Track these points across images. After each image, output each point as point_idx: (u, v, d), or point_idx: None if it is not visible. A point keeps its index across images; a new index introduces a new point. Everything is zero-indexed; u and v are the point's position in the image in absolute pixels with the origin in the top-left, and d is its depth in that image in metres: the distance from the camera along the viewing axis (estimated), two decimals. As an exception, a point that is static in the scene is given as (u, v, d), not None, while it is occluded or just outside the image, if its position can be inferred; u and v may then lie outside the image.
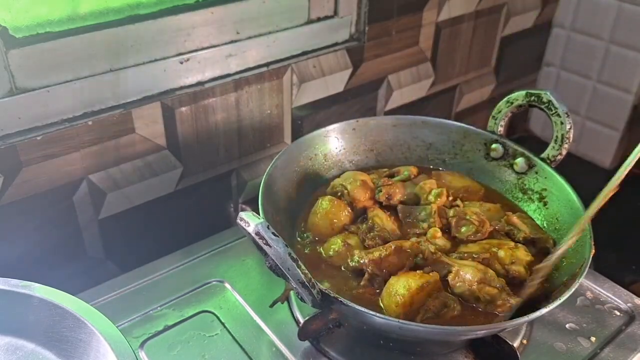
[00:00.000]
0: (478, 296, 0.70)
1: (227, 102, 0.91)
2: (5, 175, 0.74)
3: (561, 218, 0.81)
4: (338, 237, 0.79)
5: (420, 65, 1.17)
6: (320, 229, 0.81)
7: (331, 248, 0.77)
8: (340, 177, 0.86)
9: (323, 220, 0.81)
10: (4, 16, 0.69)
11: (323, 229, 0.81)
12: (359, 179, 0.84)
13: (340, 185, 0.85)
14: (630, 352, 0.76)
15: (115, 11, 0.78)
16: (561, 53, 1.41)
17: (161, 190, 0.90)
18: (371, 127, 0.94)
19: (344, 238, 0.78)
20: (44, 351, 0.63)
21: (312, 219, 0.82)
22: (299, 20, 0.95)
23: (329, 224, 0.80)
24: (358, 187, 0.83)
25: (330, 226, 0.80)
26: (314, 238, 0.81)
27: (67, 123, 0.76)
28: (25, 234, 0.79)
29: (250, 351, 0.74)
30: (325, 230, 0.80)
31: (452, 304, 0.69)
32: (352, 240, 0.78)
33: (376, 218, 0.79)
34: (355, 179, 0.84)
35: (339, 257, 0.76)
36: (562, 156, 0.85)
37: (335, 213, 0.81)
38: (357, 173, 0.87)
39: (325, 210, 0.81)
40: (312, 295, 0.63)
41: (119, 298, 0.81)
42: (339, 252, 0.77)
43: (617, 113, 1.34)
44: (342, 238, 0.78)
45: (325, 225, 0.80)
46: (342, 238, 0.78)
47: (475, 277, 0.70)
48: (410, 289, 0.68)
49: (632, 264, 1.07)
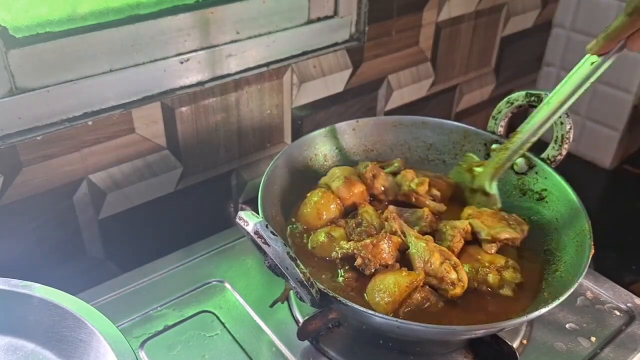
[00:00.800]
0: (436, 268, 0.71)
1: (227, 102, 0.91)
2: (6, 175, 0.74)
3: (561, 218, 0.81)
4: (322, 229, 0.79)
5: (420, 65, 1.17)
6: (308, 220, 0.81)
7: (315, 240, 0.78)
8: (327, 175, 0.86)
9: (312, 211, 0.81)
10: (4, 16, 0.69)
11: (311, 220, 0.81)
12: (342, 176, 0.84)
13: (324, 184, 0.85)
14: (630, 352, 0.76)
15: (115, 11, 0.78)
16: (561, 53, 1.41)
17: (161, 190, 0.90)
18: (371, 127, 0.94)
19: (329, 230, 0.78)
20: (44, 351, 0.64)
21: (302, 210, 0.82)
22: (299, 20, 0.95)
23: (317, 215, 0.81)
24: (342, 185, 0.83)
25: (317, 217, 0.81)
26: (302, 228, 0.81)
27: (67, 123, 0.77)
28: (25, 234, 0.79)
29: (250, 351, 0.74)
30: (313, 221, 0.81)
31: (433, 299, 0.70)
32: (336, 232, 0.78)
33: (365, 214, 0.80)
34: (340, 176, 0.84)
35: (322, 249, 0.77)
36: (562, 156, 0.85)
37: (324, 205, 0.81)
38: (342, 169, 0.87)
39: (314, 202, 0.82)
40: (311, 295, 0.63)
41: (119, 298, 0.81)
42: (322, 244, 0.77)
43: (617, 113, 1.34)
44: (327, 230, 0.78)
45: (313, 216, 0.81)
46: (327, 230, 0.78)
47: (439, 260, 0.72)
48: (400, 285, 0.69)
49: (632, 264, 1.07)
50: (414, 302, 0.69)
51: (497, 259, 0.76)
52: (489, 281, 0.73)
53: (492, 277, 0.73)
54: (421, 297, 0.70)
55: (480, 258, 0.76)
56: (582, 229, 0.76)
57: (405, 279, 0.70)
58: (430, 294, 0.70)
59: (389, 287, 0.69)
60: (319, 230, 0.79)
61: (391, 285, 0.69)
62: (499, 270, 0.74)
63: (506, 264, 0.75)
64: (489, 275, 0.73)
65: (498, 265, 0.75)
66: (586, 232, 0.74)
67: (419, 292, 0.70)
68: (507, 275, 0.74)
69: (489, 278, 0.73)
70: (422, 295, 0.70)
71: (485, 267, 0.75)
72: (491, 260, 0.75)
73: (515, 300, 0.72)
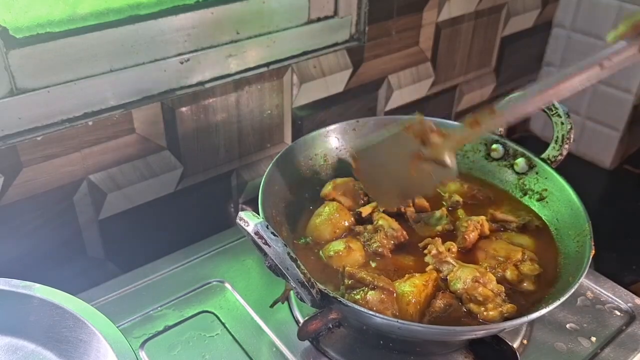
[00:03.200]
0: (472, 295, 0.70)
1: (227, 102, 0.91)
2: (6, 175, 0.74)
3: (561, 218, 0.81)
4: (341, 240, 0.78)
5: (420, 65, 1.17)
6: (321, 233, 0.80)
7: (332, 249, 0.77)
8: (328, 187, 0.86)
9: (324, 224, 0.80)
10: (4, 16, 0.69)
11: (324, 233, 0.80)
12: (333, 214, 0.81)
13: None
14: (631, 352, 0.76)
15: (115, 11, 0.78)
16: (561, 53, 1.41)
17: (161, 190, 0.90)
18: (371, 127, 0.93)
19: (347, 242, 0.78)
20: (44, 351, 0.64)
21: (313, 221, 0.82)
22: (299, 20, 0.95)
23: (331, 229, 0.80)
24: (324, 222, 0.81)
25: (332, 231, 0.80)
26: (313, 241, 0.80)
27: (68, 123, 0.76)
28: (25, 234, 0.79)
29: (250, 351, 0.74)
30: (326, 234, 0.80)
31: (456, 303, 0.70)
32: (354, 244, 0.77)
33: (381, 220, 0.80)
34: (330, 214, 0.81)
35: (339, 259, 0.76)
36: (562, 156, 0.85)
37: (338, 219, 0.81)
38: (331, 206, 0.83)
39: (328, 214, 0.81)
40: (312, 295, 0.63)
41: (119, 298, 0.81)
42: (339, 253, 0.76)
43: (617, 113, 1.34)
44: (345, 242, 0.78)
45: (327, 229, 0.80)
46: (345, 242, 0.78)
47: (470, 275, 0.70)
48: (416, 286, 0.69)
49: (632, 264, 1.07)
50: (436, 310, 0.69)
51: (513, 253, 0.74)
52: (507, 278, 0.73)
53: (510, 273, 0.73)
54: (443, 303, 0.69)
55: (495, 253, 0.75)
56: (582, 229, 0.76)
57: (419, 278, 0.70)
58: (452, 299, 0.70)
59: (405, 290, 0.69)
60: (336, 242, 0.78)
61: (407, 287, 0.69)
62: (516, 265, 0.73)
63: (523, 257, 0.74)
64: (507, 272, 0.73)
65: (515, 260, 0.74)
66: (586, 232, 0.74)
67: (440, 299, 0.70)
68: (525, 268, 0.73)
69: (507, 275, 0.73)
70: (444, 302, 0.69)
71: (502, 263, 0.74)
72: (507, 254, 0.75)
73: (538, 292, 0.72)
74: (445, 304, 0.70)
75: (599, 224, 0.75)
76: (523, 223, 0.82)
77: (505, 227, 0.82)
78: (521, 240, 0.79)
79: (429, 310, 0.69)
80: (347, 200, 0.85)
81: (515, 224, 0.82)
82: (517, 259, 0.74)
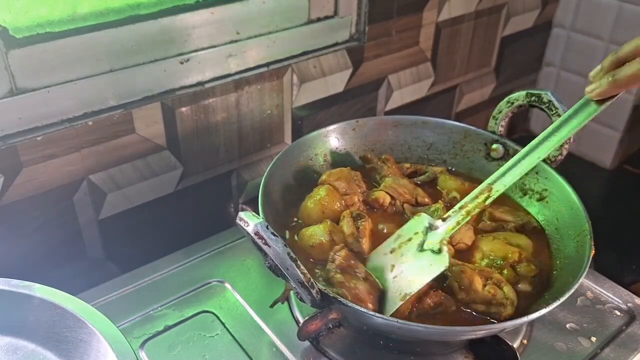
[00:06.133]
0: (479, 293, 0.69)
1: (227, 102, 0.91)
2: (6, 175, 0.74)
3: (561, 218, 0.81)
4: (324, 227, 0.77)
5: (420, 65, 1.17)
6: (311, 214, 0.80)
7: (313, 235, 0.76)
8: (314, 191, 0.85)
9: (315, 206, 0.80)
10: (4, 16, 0.69)
11: (314, 215, 0.80)
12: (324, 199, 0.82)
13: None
14: (631, 352, 0.76)
15: (115, 11, 0.78)
16: (561, 53, 1.41)
17: (161, 191, 0.90)
18: (371, 127, 0.94)
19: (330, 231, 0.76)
20: (44, 351, 0.64)
21: (305, 203, 0.81)
22: (299, 20, 0.95)
23: (321, 210, 0.80)
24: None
25: (321, 213, 0.80)
26: (304, 223, 0.80)
27: (68, 123, 0.76)
28: (25, 234, 0.79)
29: (250, 351, 0.74)
30: (316, 216, 0.80)
31: (448, 303, 0.70)
32: (337, 236, 0.76)
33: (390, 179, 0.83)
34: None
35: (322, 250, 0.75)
36: (562, 157, 0.85)
37: (328, 202, 0.80)
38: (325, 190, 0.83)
39: (320, 197, 0.81)
40: (312, 295, 0.63)
41: (119, 298, 0.81)
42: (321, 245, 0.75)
43: (617, 113, 1.34)
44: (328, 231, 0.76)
45: (317, 212, 0.80)
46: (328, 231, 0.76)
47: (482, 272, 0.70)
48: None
49: (632, 264, 1.07)
50: (424, 307, 0.69)
51: (509, 254, 0.74)
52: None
53: (506, 274, 0.72)
54: (433, 302, 0.69)
55: (492, 254, 0.75)
56: (582, 229, 0.76)
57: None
58: (444, 298, 0.69)
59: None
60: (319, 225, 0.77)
61: None
62: (513, 265, 0.73)
63: (520, 257, 0.73)
64: (503, 273, 0.72)
65: (511, 260, 0.73)
66: (586, 232, 0.74)
67: (430, 298, 0.69)
68: (521, 269, 0.73)
69: (504, 275, 0.72)
70: (434, 301, 0.69)
71: (498, 264, 0.74)
72: (504, 255, 0.74)
73: (535, 294, 0.72)
74: (435, 302, 0.69)
75: (599, 224, 0.75)
76: (521, 223, 0.82)
77: (504, 227, 0.82)
78: (519, 240, 0.78)
79: (419, 307, 0.69)
80: (342, 184, 0.84)
81: (513, 224, 0.82)
82: (514, 259, 0.74)
